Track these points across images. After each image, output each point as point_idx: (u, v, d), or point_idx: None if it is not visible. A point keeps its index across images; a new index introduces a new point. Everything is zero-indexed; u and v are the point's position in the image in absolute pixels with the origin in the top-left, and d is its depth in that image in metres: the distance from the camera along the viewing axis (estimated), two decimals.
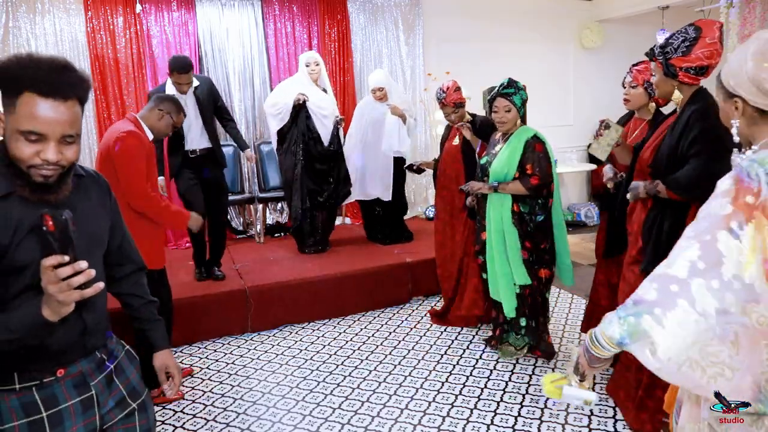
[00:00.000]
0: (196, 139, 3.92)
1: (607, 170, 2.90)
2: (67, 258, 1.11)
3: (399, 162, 4.74)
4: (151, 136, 2.87)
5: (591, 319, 3.16)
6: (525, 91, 3.09)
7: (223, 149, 5.22)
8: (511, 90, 3.05)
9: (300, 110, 4.45)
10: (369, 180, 4.76)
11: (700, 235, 1.10)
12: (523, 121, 3.22)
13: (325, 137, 4.53)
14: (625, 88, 2.83)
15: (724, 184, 1.13)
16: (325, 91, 4.64)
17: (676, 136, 2.23)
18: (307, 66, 4.54)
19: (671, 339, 1.07)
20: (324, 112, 4.51)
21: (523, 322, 3.22)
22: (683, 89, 2.25)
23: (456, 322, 3.81)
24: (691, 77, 2.17)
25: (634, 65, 2.81)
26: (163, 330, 1.63)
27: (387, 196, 4.73)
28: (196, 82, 3.94)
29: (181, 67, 3.67)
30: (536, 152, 3.02)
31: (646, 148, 2.43)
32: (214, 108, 4.02)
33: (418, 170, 4.29)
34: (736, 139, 1.23)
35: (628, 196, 2.43)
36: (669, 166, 2.24)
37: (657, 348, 1.08)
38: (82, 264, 1.12)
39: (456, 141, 3.75)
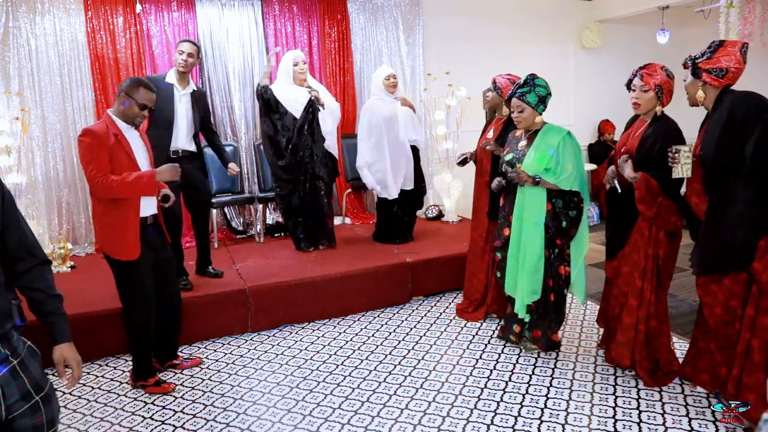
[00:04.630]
0: (183, 138, 3.89)
1: (610, 173, 2.90)
2: None
3: (415, 152, 4.79)
4: (125, 126, 2.89)
5: (602, 314, 3.22)
6: (545, 88, 3.10)
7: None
8: (526, 89, 3.09)
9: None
10: (395, 174, 4.68)
11: None
12: None
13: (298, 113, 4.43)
14: (634, 90, 2.77)
15: None
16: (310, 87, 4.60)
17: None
18: (295, 65, 4.47)
19: None
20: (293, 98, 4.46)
21: (527, 318, 3.25)
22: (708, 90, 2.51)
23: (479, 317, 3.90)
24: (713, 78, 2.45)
25: (640, 68, 2.79)
26: (66, 324, 1.68)
27: (410, 184, 4.75)
28: (194, 87, 3.97)
29: (184, 40, 3.91)
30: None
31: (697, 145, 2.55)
32: (202, 118, 4.02)
33: (464, 162, 3.99)
34: None
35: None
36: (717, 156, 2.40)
37: None
38: None
39: (490, 134, 3.79)
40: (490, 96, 3.84)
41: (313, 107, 4.47)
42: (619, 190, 2.85)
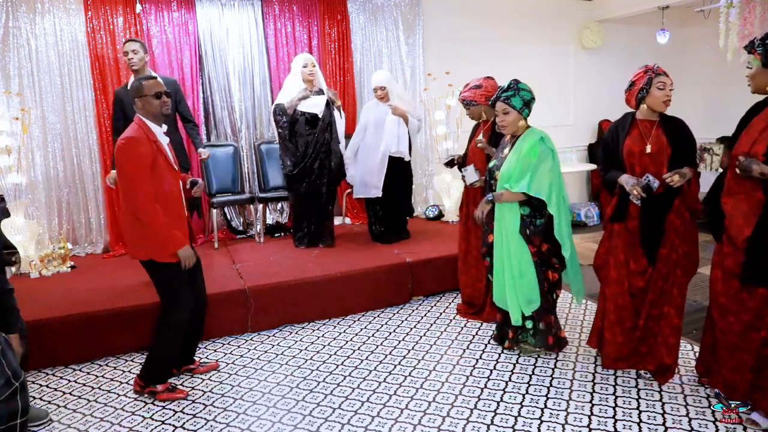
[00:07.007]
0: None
1: (631, 180, 2.75)
2: None
3: (402, 163, 4.74)
4: (158, 129, 2.88)
5: (598, 332, 3.13)
6: (529, 92, 3.08)
7: (222, 149, 5.31)
8: (510, 92, 3.06)
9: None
10: (367, 178, 4.76)
11: None
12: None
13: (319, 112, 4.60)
14: (662, 89, 2.73)
15: None
16: (321, 91, 4.68)
17: None
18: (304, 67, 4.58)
19: None
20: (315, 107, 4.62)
21: (529, 324, 3.23)
22: None
23: (490, 318, 3.85)
24: None
25: (658, 67, 2.77)
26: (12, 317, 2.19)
27: (377, 193, 4.71)
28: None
29: (125, 41, 4.10)
30: None
31: (760, 140, 2.41)
32: (175, 109, 4.06)
33: (451, 163, 4.02)
34: None
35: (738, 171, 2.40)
36: None
37: None
38: None
39: (480, 136, 3.78)
40: (469, 111, 3.86)
41: (329, 107, 4.60)
42: (654, 189, 2.72)
